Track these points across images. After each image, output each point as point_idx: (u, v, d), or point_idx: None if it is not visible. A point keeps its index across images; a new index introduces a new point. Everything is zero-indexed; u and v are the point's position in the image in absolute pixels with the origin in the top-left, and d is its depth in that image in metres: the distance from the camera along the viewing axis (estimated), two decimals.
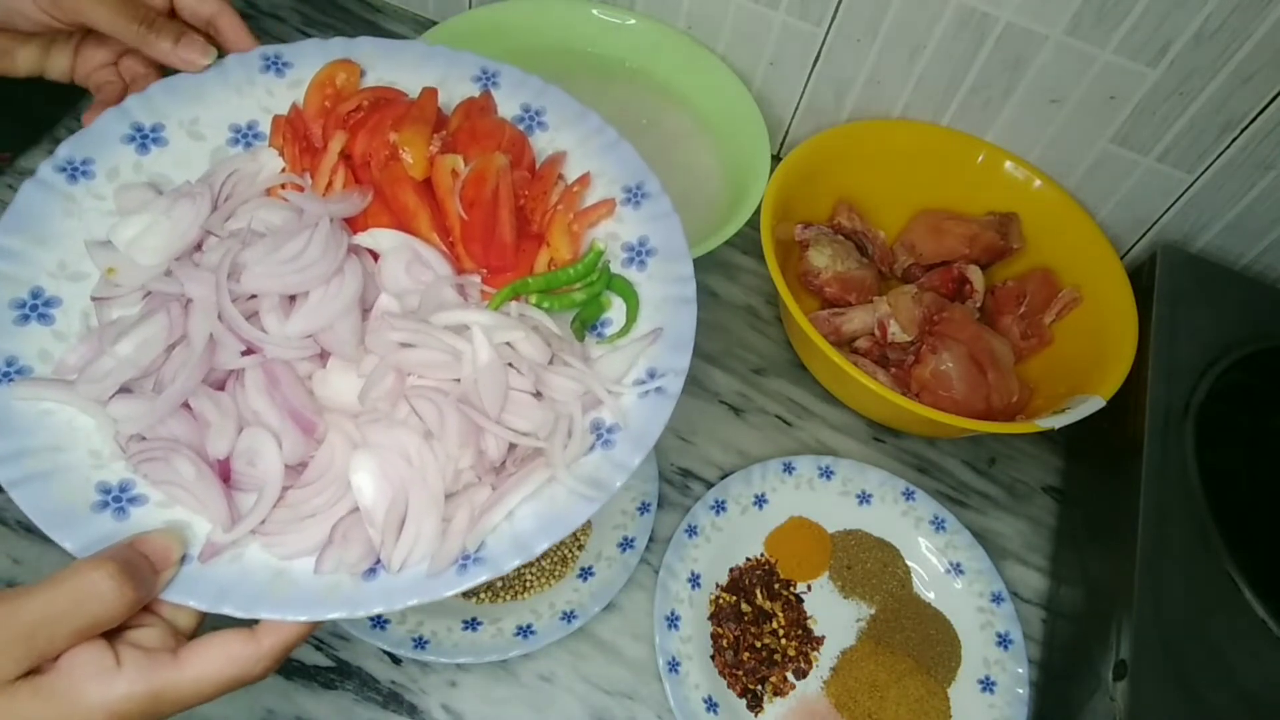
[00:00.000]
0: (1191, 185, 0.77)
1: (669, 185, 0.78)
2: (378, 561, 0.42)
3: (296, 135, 0.52)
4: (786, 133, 0.88)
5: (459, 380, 0.45)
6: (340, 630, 0.60)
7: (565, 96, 0.56)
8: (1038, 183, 0.80)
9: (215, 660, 0.39)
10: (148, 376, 0.44)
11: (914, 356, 0.73)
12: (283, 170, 0.52)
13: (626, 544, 0.65)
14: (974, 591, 0.69)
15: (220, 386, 0.45)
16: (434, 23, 0.91)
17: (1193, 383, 0.70)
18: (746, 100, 0.80)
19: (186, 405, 0.43)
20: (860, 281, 0.78)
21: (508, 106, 0.55)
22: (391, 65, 0.55)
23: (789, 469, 0.71)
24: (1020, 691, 0.65)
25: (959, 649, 0.67)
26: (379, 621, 0.60)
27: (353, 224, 0.50)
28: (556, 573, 0.65)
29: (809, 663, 0.65)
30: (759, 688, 0.63)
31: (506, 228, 0.50)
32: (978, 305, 0.79)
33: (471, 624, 0.61)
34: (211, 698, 0.39)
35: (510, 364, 0.46)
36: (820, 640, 0.66)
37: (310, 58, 0.54)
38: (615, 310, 0.51)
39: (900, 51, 0.77)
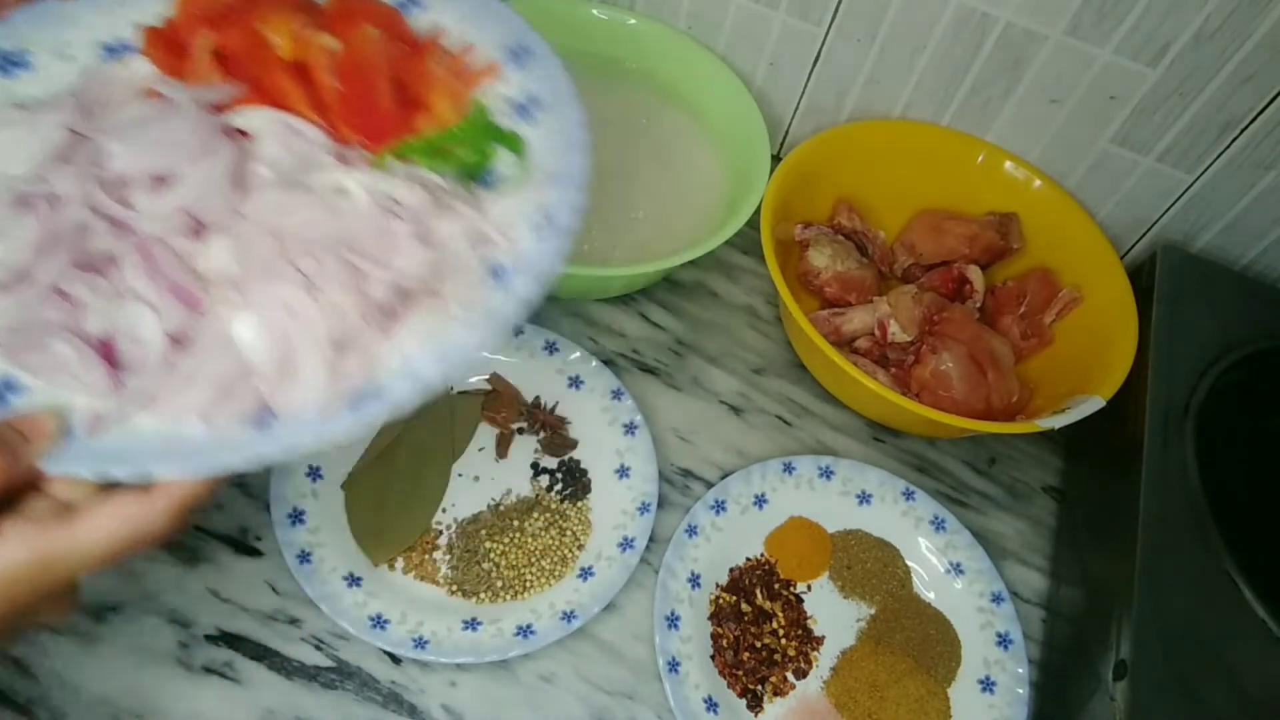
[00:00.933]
0: (1191, 185, 0.77)
1: (669, 185, 0.79)
2: (268, 412, 0.42)
3: (167, 43, 0.51)
4: (786, 133, 0.88)
5: (339, 235, 0.45)
6: (340, 630, 0.60)
7: None
8: (1038, 183, 0.80)
9: (108, 521, 0.39)
10: (24, 281, 0.44)
11: (914, 356, 0.73)
12: (154, 74, 0.50)
13: (626, 544, 0.65)
14: (974, 591, 0.69)
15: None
16: None
17: (1193, 383, 0.70)
18: (746, 100, 0.80)
19: (64, 295, 0.44)
20: (860, 281, 0.78)
21: None
22: None
23: (789, 469, 0.71)
24: (1020, 691, 0.65)
25: (959, 649, 0.67)
26: (379, 621, 0.60)
27: (224, 112, 0.50)
28: (556, 573, 0.65)
29: (809, 663, 0.65)
30: (759, 688, 0.63)
31: (384, 96, 0.51)
32: (978, 305, 0.79)
33: (471, 624, 0.61)
34: (109, 559, 0.39)
35: (393, 213, 0.46)
36: (820, 640, 0.66)
37: None
38: (506, 162, 0.52)
39: (900, 51, 0.77)
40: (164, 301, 0.44)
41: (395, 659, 0.61)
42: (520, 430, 0.71)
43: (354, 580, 0.62)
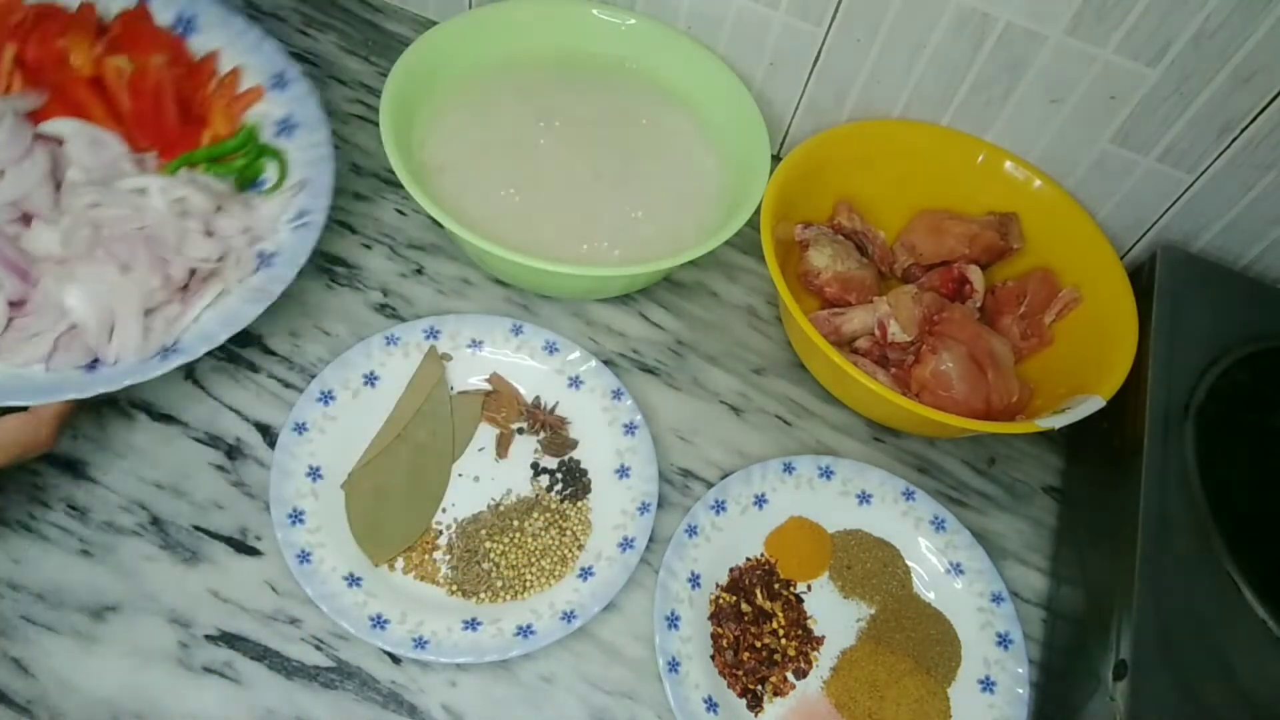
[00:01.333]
0: (1191, 185, 0.77)
1: (669, 185, 0.79)
2: (96, 361, 0.57)
3: None
4: (786, 133, 0.88)
5: (144, 228, 0.59)
6: (340, 630, 0.60)
7: (212, 4, 0.70)
8: (1038, 183, 0.80)
9: (4, 426, 0.52)
10: None
11: (914, 356, 0.73)
12: None
13: (626, 544, 0.65)
14: (974, 591, 0.69)
15: None
16: (434, 22, 0.91)
17: (1193, 383, 0.70)
18: (746, 100, 0.80)
19: None
20: (860, 281, 0.78)
21: (164, 15, 0.69)
22: None
23: (789, 469, 0.71)
24: (1020, 691, 0.65)
25: (959, 649, 0.67)
26: (379, 621, 0.60)
27: (36, 119, 0.62)
28: (556, 573, 0.65)
29: (809, 663, 0.65)
30: (759, 688, 0.63)
31: (170, 113, 0.65)
32: (978, 305, 0.79)
33: (471, 624, 0.61)
34: (7, 452, 0.52)
35: (185, 212, 0.61)
36: (820, 640, 0.66)
37: None
38: (271, 171, 0.67)
39: (900, 51, 0.77)
40: (2, 274, 0.56)
41: (395, 659, 0.61)
42: (520, 430, 0.71)
43: (354, 580, 0.62)
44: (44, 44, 0.62)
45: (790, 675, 0.65)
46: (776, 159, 0.83)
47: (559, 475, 0.69)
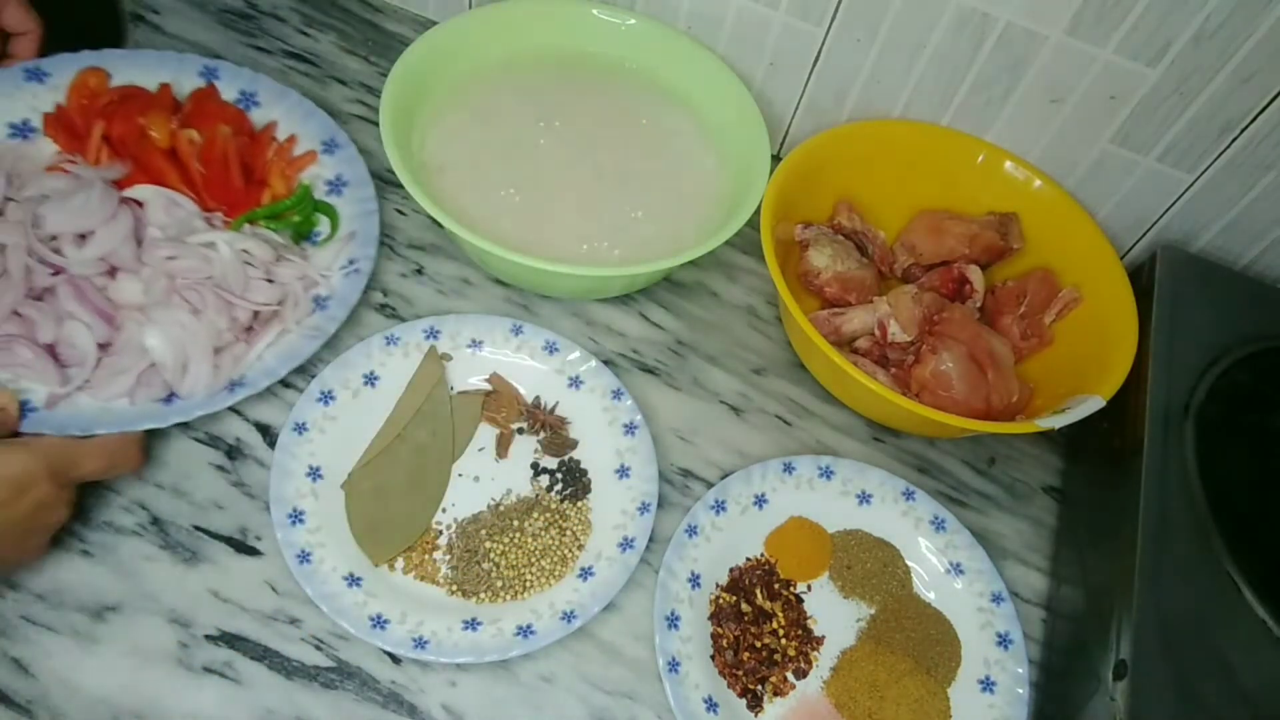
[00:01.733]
0: (1191, 185, 0.77)
1: (669, 185, 0.79)
2: (172, 394, 0.64)
3: (64, 126, 0.72)
4: (786, 133, 0.88)
5: (212, 276, 0.66)
6: (340, 630, 0.60)
7: (270, 81, 0.79)
8: (1038, 183, 0.80)
9: (98, 442, 0.59)
10: None
11: (914, 356, 0.73)
12: (57, 152, 0.72)
13: (626, 544, 0.65)
14: (974, 591, 0.69)
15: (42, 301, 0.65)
16: (434, 22, 0.91)
17: (1193, 383, 0.70)
18: (746, 100, 0.80)
19: (19, 314, 0.63)
20: (860, 281, 0.78)
21: (228, 92, 0.78)
22: (132, 69, 0.76)
23: (789, 469, 0.71)
24: (1020, 691, 0.65)
25: (959, 649, 0.67)
26: (379, 621, 0.60)
27: (119, 186, 0.70)
28: (556, 573, 0.65)
29: (809, 663, 0.65)
30: (759, 688, 0.63)
31: (235, 177, 0.72)
32: (978, 305, 0.79)
33: (471, 624, 0.61)
34: (103, 466, 0.59)
35: (248, 262, 0.68)
36: (820, 640, 0.66)
37: (65, 67, 0.73)
38: (324, 225, 0.75)
39: (900, 51, 0.77)
40: (92, 320, 0.64)
41: (395, 659, 0.61)
42: (520, 430, 0.71)
43: (354, 580, 0.62)
44: (127, 121, 0.71)
45: (790, 675, 0.65)
46: (776, 159, 0.83)
47: (559, 475, 0.69)
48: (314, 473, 0.65)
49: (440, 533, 0.66)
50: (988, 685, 0.66)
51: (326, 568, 0.61)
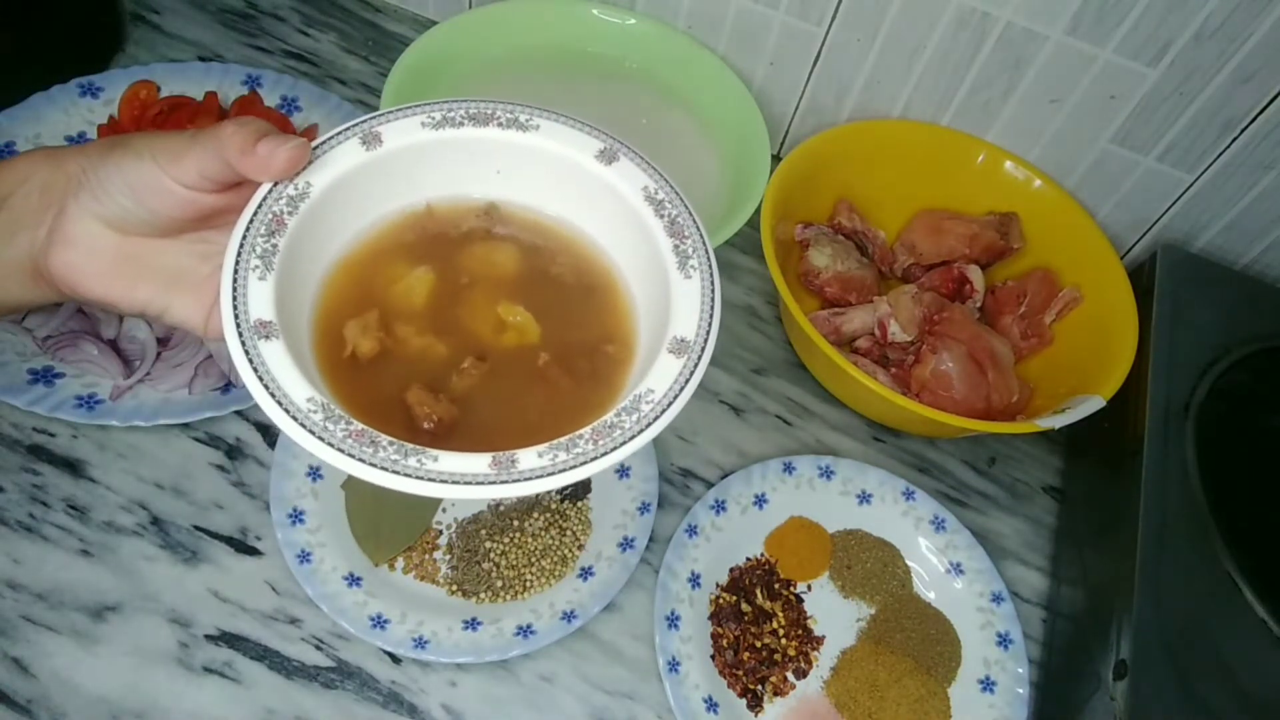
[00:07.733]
0: (1191, 185, 0.77)
1: None
2: (229, 384, 0.67)
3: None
4: (786, 133, 0.88)
5: None
6: (340, 630, 0.60)
7: (310, 86, 0.81)
8: (1038, 183, 0.80)
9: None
10: (58, 305, 0.66)
11: (914, 356, 0.73)
12: None
13: (626, 544, 0.65)
14: (974, 591, 0.69)
15: None
16: (434, 22, 0.91)
17: (1193, 383, 0.70)
18: (746, 100, 0.80)
19: (82, 312, 0.67)
20: (860, 281, 0.78)
21: (270, 98, 0.80)
22: (179, 80, 0.78)
23: (789, 469, 0.71)
24: (1020, 691, 0.65)
25: (959, 649, 0.67)
26: (379, 621, 0.60)
27: None
28: (556, 573, 0.65)
29: (809, 663, 0.65)
30: (759, 688, 0.63)
31: None
32: (978, 305, 0.79)
33: (471, 624, 0.61)
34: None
35: None
36: (820, 640, 0.66)
37: (116, 81, 0.76)
38: None
39: (900, 51, 0.77)
40: None
41: (395, 659, 0.61)
42: None
43: (354, 580, 0.62)
44: (177, 128, 0.73)
45: (790, 675, 0.65)
46: (776, 159, 0.83)
47: None
48: (314, 473, 0.65)
49: (440, 533, 0.66)
50: (988, 685, 0.66)
51: (326, 568, 0.61)
